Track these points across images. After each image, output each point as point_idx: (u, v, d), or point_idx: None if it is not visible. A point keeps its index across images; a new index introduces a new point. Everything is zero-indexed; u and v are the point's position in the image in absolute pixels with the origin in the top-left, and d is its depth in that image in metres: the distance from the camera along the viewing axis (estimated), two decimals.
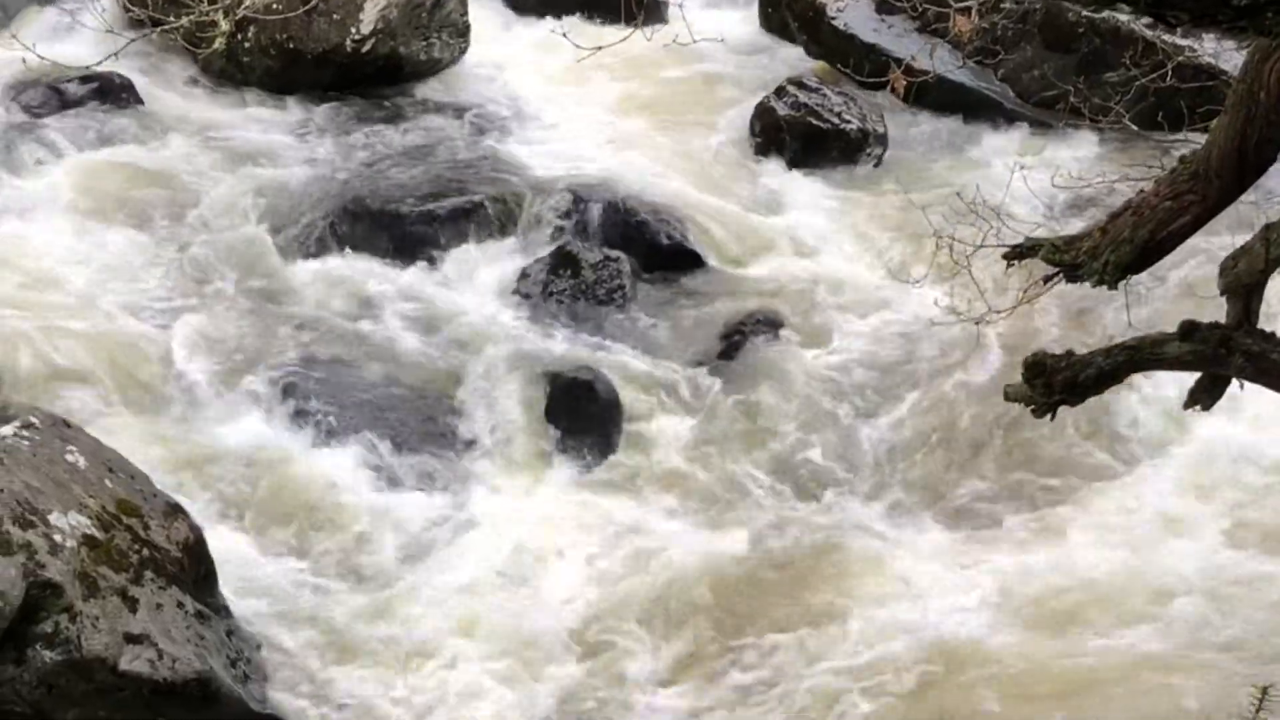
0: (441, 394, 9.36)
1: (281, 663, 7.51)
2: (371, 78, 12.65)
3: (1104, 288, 5.99)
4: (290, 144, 11.79)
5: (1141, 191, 5.88)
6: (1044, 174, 9.96)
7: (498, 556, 8.25)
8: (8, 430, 7.13)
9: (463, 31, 13.20)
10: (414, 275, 10.42)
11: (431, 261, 10.54)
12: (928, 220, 7.97)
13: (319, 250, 10.61)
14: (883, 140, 12.08)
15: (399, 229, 10.72)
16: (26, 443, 7.10)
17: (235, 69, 12.55)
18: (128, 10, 11.39)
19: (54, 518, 6.85)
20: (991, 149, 12.14)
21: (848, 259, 10.72)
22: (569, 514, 8.64)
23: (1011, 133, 12.35)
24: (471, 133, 12.07)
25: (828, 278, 10.48)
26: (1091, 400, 6.22)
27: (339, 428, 8.93)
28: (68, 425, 7.45)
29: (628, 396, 9.38)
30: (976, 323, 7.40)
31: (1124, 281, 5.95)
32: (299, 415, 8.99)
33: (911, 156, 12.15)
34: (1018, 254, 6.17)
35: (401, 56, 12.73)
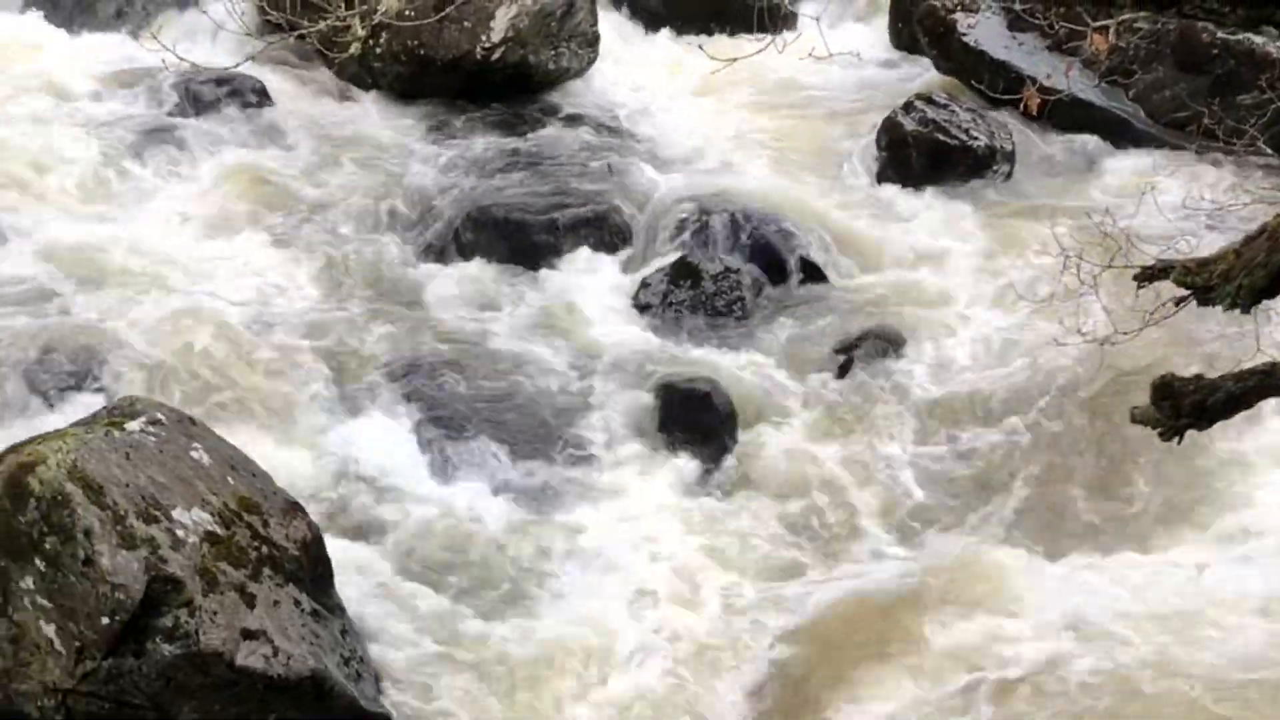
0: (559, 402, 9.38)
1: (393, 665, 7.55)
2: (500, 86, 12.71)
3: (1235, 312, 5.89)
4: (418, 150, 11.88)
5: (1277, 215, 5.78)
6: (1175, 196, 9.84)
7: (610, 568, 8.25)
8: (135, 426, 7.22)
9: (592, 41, 13.23)
10: (536, 283, 10.46)
11: (553, 269, 10.57)
12: (1055, 239, 7.88)
13: (443, 256, 10.70)
14: (1010, 158, 11.95)
15: (522, 237, 10.77)
16: (153, 439, 7.19)
17: (366, 74, 12.67)
18: (264, 14, 11.54)
19: (177, 513, 6.94)
20: (1121, 169, 11.98)
21: (972, 276, 10.60)
22: (682, 527, 8.62)
23: (1142, 154, 12.18)
24: (596, 142, 12.09)
25: (950, 294, 10.38)
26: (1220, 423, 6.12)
27: (456, 434, 8.97)
28: (193, 423, 7.54)
29: (744, 409, 9.35)
30: (1102, 343, 7.30)
31: (1256, 306, 5.85)
32: (418, 420, 9.05)
33: (1039, 175, 12.02)
34: (1148, 275, 6.09)
35: (530, 65, 12.77)
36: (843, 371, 9.70)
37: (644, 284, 10.40)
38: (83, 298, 9.75)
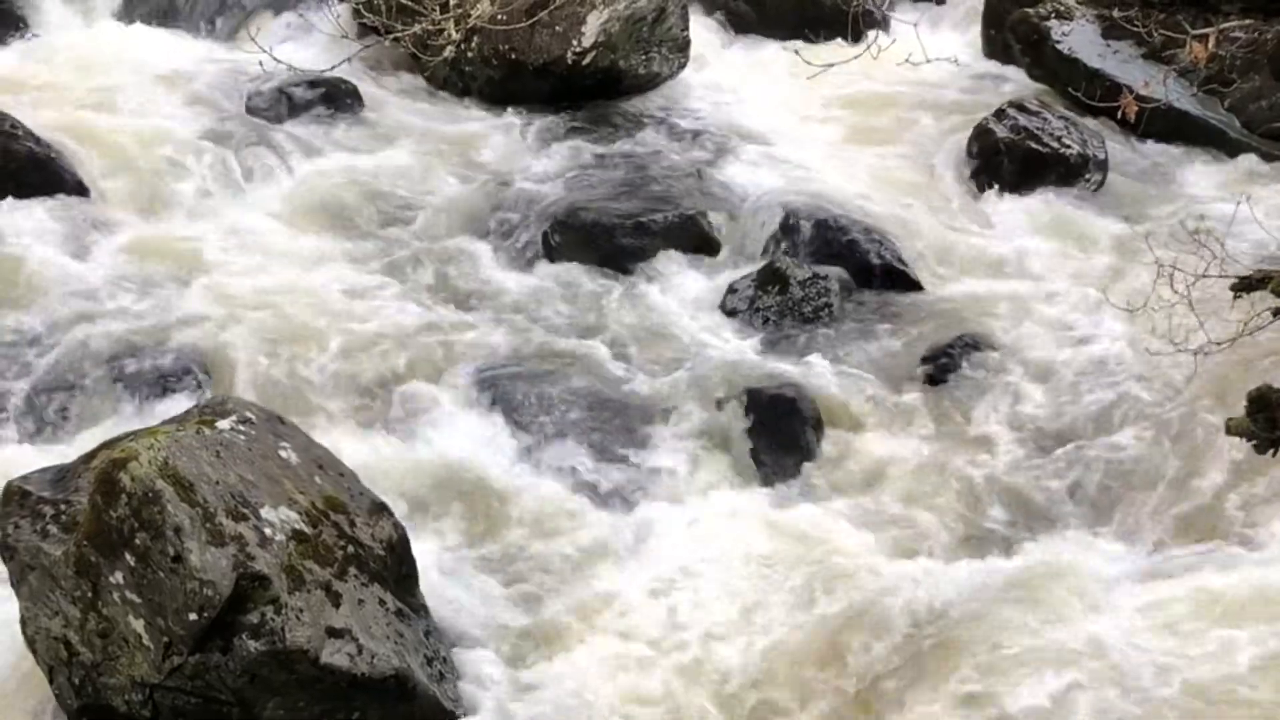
0: (645, 405, 9.38)
1: (476, 666, 7.56)
2: (590, 90, 12.75)
3: None
4: (508, 153, 11.94)
5: None
6: (1271, 206, 9.72)
7: (694, 571, 8.21)
8: (225, 424, 7.26)
9: (682, 47, 13.24)
10: (623, 287, 10.47)
11: (641, 274, 10.58)
12: (1149, 248, 7.81)
13: (532, 259, 10.73)
14: (1103, 166, 11.86)
15: (611, 241, 10.78)
16: (243, 437, 7.23)
17: (457, 78, 12.74)
18: (358, 18, 11.66)
19: (265, 511, 6.98)
20: (1216, 179, 11.87)
21: (1064, 284, 10.51)
22: (767, 530, 8.57)
23: (1237, 163, 12.07)
24: (686, 147, 12.11)
25: (1041, 303, 10.29)
26: None
27: (542, 436, 8.99)
28: (282, 422, 7.57)
29: (830, 415, 9.30)
30: (1196, 353, 7.23)
31: None
32: (505, 421, 9.07)
33: (1132, 183, 11.92)
34: (1246, 285, 6.03)
35: (621, 70, 12.81)
36: (931, 379, 9.64)
37: (732, 289, 10.39)
38: (176, 297, 9.86)
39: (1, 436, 8.86)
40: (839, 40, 13.02)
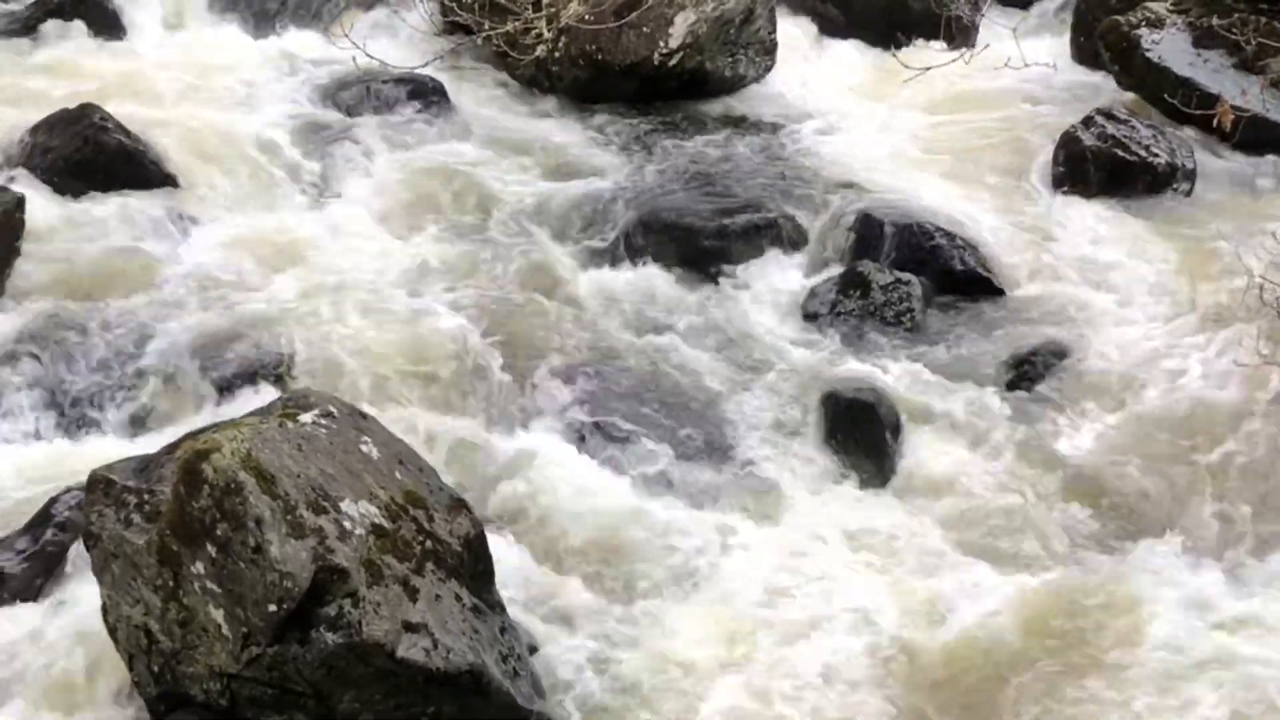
0: (723, 406, 9.38)
1: (551, 663, 7.58)
2: (675, 92, 12.75)
3: None
4: (592, 153, 11.96)
5: None
6: None
7: (770, 578, 8.19)
8: (308, 418, 7.30)
9: (769, 49, 13.22)
10: (704, 289, 10.47)
11: (722, 276, 10.58)
12: (1240, 259, 7.71)
13: (613, 259, 10.75)
14: (1190, 176, 11.74)
15: (693, 243, 10.78)
16: (324, 431, 7.27)
17: (543, 77, 12.77)
18: (447, 15, 11.72)
19: (345, 505, 7.00)
20: None
21: (1149, 293, 10.42)
22: (844, 537, 8.55)
23: None
24: (770, 150, 12.08)
25: (1125, 311, 10.21)
26: None
27: (621, 434, 8.99)
28: (364, 416, 7.60)
29: (910, 421, 9.26)
30: None
31: None
32: (582, 419, 9.09)
33: (1220, 194, 11.79)
34: None
35: (707, 72, 12.80)
36: (1012, 386, 9.59)
37: (813, 293, 10.36)
38: (261, 290, 9.95)
39: (89, 426, 8.97)
40: (929, 44, 12.98)
